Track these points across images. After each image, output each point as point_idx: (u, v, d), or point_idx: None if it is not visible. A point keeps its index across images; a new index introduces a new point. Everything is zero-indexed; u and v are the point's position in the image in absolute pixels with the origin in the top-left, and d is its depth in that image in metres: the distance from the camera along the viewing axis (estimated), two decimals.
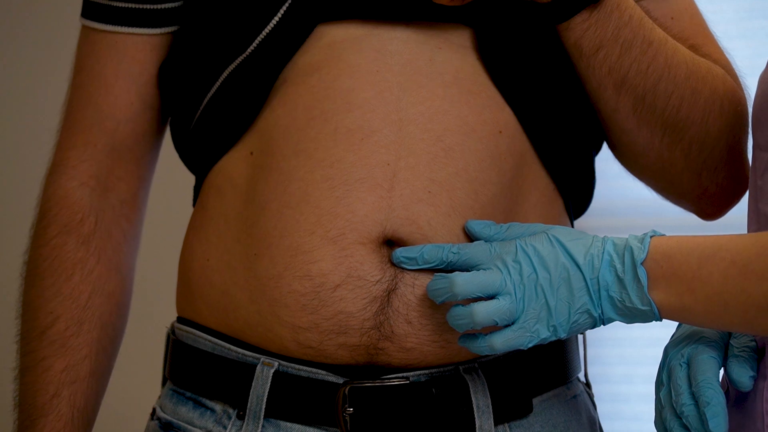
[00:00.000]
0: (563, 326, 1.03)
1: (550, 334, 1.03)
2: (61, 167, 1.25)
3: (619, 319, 1.03)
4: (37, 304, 1.22)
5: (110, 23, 1.24)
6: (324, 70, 1.13)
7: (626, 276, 1.01)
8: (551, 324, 1.03)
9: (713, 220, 1.27)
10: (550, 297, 1.03)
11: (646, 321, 1.03)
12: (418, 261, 1.08)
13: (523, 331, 1.03)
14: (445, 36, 1.14)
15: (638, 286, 1.01)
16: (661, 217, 2.29)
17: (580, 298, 1.03)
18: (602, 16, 1.11)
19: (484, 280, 1.03)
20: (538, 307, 1.03)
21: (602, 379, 2.29)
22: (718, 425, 0.99)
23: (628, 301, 1.01)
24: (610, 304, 1.02)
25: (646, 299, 1.01)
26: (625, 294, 1.01)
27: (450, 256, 1.07)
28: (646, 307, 1.01)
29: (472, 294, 1.04)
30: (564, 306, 1.03)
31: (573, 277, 1.03)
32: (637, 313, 1.02)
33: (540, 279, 1.03)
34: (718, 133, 1.18)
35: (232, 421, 1.13)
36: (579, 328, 1.04)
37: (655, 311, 1.01)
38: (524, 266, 1.03)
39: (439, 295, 1.06)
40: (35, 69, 2.65)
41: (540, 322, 1.03)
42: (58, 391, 1.20)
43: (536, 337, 1.03)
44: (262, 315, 1.11)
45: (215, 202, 1.17)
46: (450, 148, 1.11)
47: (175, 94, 1.23)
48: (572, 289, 1.03)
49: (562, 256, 1.04)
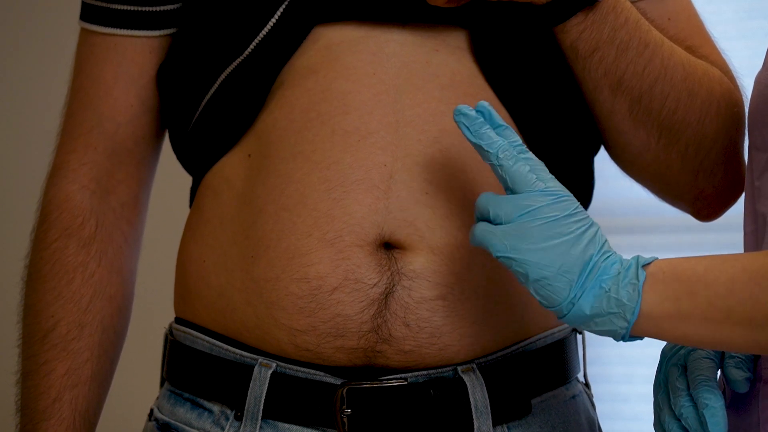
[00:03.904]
0: (540, 269, 0.98)
1: (519, 260, 0.98)
2: (61, 170, 1.25)
3: (587, 313, 0.97)
4: (38, 307, 1.23)
5: (109, 26, 1.24)
6: (321, 72, 1.13)
7: (625, 271, 0.98)
8: (529, 254, 0.98)
9: (709, 221, 1.27)
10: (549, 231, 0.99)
11: (612, 327, 0.97)
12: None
13: (501, 237, 0.99)
14: (442, 38, 1.14)
15: (633, 281, 0.97)
16: (660, 217, 2.29)
17: (573, 267, 0.98)
18: (598, 18, 1.11)
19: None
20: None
21: (602, 379, 2.30)
22: (717, 426, 0.99)
23: (615, 291, 0.97)
24: (593, 293, 0.97)
25: (635, 296, 0.96)
26: (615, 284, 0.97)
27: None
28: (630, 303, 0.96)
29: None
30: (554, 258, 0.98)
31: (586, 249, 0.98)
32: (613, 309, 0.97)
33: (561, 220, 0.99)
34: (714, 135, 1.18)
35: (230, 422, 1.13)
36: (549, 289, 0.98)
37: (636, 309, 0.96)
38: (562, 205, 1.00)
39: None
40: (35, 72, 2.65)
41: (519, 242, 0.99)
42: (59, 395, 1.20)
43: (504, 252, 0.99)
44: (259, 317, 1.12)
45: (211, 203, 1.18)
46: (447, 150, 1.11)
47: (173, 96, 1.23)
48: (575, 255, 0.98)
49: (597, 236, 0.99)
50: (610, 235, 1.07)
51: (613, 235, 2.27)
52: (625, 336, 0.98)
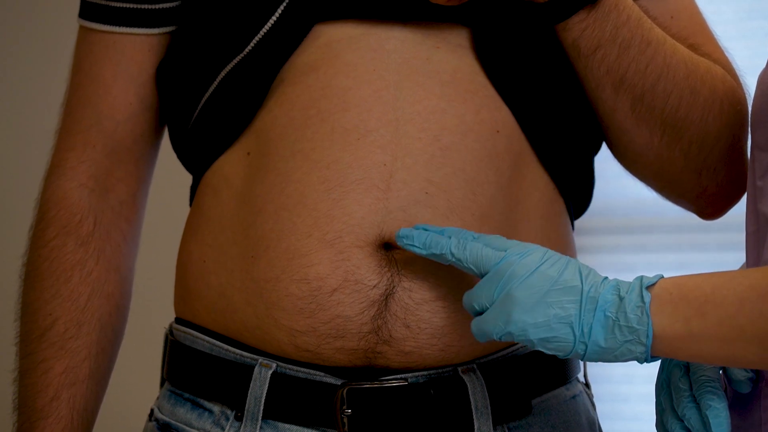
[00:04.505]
0: (538, 328, 0.98)
1: (518, 331, 0.98)
2: (59, 168, 1.25)
3: (604, 346, 0.97)
4: (36, 305, 1.22)
5: (108, 23, 1.24)
6: (321, 69, 1.12)
7: (629, 295, 0.96)
8: (522, 320, 0.98)
9: (713, 220, 1.26)
10: (536, 294, 0.99)
11: (632, 355, 0.96)
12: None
13: (493, 319, 1.00)
14: (443, 35, 1.14)
15: (639, 304, 0.95)
16: (661, 216, 2.29)
17: (567, 309, 0.97)
18: (600, 16, 1.11)
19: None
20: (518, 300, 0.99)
21: (602, 379, 2.29)
22: (720, 427, 0.98)
23: (623, 319, 0.95)
24: (601, 324, 0.96)
25: (644, 318, 0.95)
26: (622, 311, 0.96)
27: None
28: (642, 326, 0.95)
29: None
30: (545, 309, 0.98)
31: (570, 288, 0.98)
32: (627, 336, 0.96)
33: (536, 272, 1.00)
34: (717, 133, 1.18)
35: (230, 423, 1.13)
36: (556, 342, 0.98)
37: (649, 332, 0.95)
38: (528, 258, 1.01)
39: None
40: (34, 70, 2.65)
41: (514, 314, 0.99)
42: (57, 394, 1.20)
43: (503, 329, 0.99)
44: (260, 318, 1.11)
45: (211, 202, 1.17)
46: (447, 148, 1.11)
47: (172, 94, 1.23)
48: (563, 297, 0.98)
49: (572, 269, 0.99)
50: (610, 235, 1.06)
51: (613, 235, 2.28)
52: (648, 358, 0.97)
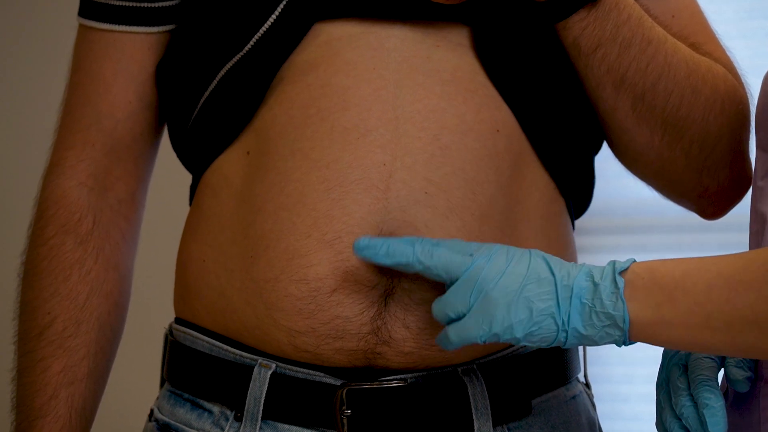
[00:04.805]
0: (522, 324, 0.99)
1: (503, 330, 0.99)
2: (59, 167, 1.25)
3: (584, 333, 0.98)
4: (35, 304, 1.22)
5: (108, 22, 1.24)
6: (321, 67, 1.12)
7: (603, 282, 0.98)
8: (506, 319, 0.99)
9: (714, 220, 1.26)
10: (510, 292, 1.00)
11: (611, 338, 0.98)
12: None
13: (476, 323, 1.00)
14: (443, 34, 1.13)
15: (614, 290, 0.97)
16: (661, 216, 2.29)
17: (546, 301, 0.99)
18: (600, 15, 1.10)
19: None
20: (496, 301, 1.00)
21: (602, 379, 2.29)
22: (716, 426, 0.99)
23: (599, 305, 0.97)
24: (578, 312, 0.98)
25: (619, 304, 0.96)
26: (597, 298, 0.97)
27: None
28: (618, 312, 0.96)
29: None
30: (525, 304, 0.99)
31: (543, 280, 0.99)
32: (605, 321, 0.97)
33: (507, 272, 1.00)
34: (718, 132, 1.18)
35: (230, 423, 1.13)
36: (540, 334, 0.99)
37: (625, 317, 0.96)
38: (496, 259, 1.01)
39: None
40: (33, 69, 2.66)
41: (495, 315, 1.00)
42: (56, 393, 1.20)
43: (488, 332, 1.00)
44: (259, 318, 1.11)
45: (211, 202, 1.17)
46: (447, 147, 1.10)
47: (172, 93, 1.23)
48: (539, 290, 0.99)
49: (539, 261, 1.01)
50: (610, 235, 1.07)
51: (613, 235, 2.28)
52: (626, 341, 0.98)
